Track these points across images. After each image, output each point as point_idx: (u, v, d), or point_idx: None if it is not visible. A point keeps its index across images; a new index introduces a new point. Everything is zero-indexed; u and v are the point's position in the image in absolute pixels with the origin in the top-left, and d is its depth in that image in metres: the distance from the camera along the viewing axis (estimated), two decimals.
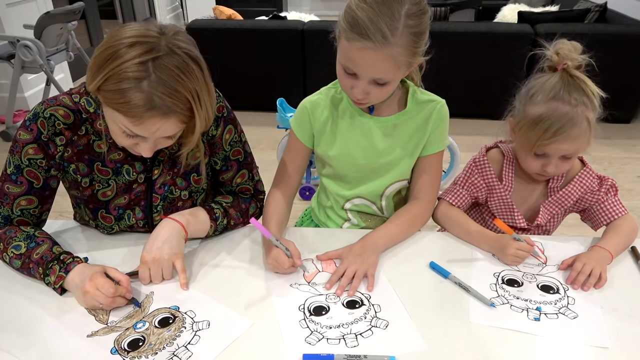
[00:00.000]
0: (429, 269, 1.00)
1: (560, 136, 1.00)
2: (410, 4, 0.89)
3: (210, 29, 3.50)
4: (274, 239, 0.94)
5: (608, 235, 1.08)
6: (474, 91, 3.42)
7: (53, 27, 3.10)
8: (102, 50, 0.80)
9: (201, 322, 0.86)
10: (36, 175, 0.96)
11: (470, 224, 1.12)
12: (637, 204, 2.52)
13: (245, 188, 1.16)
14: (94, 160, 0.99)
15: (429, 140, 1.11)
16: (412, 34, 0.90)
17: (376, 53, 0.89)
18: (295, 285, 0.95)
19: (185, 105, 0.84)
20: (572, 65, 1.01)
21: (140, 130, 0.84)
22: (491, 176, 1.16)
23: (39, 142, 0.94)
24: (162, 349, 0.80)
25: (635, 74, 3.27)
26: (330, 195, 1.23)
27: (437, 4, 4.30)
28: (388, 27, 0.87)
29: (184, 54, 0.82)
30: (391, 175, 1.15)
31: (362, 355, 0.78)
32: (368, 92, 0.97)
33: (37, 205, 1.00)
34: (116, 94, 0.79)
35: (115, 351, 0.80)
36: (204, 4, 6.13)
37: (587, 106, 1.00)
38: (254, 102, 3.56)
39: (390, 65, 0.92)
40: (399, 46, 0.89)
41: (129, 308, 0.89)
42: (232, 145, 1.09)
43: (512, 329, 0.84)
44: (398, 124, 1.10)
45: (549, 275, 0.99)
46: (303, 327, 0.84)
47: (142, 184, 1.03)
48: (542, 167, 1.07)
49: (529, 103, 1.05)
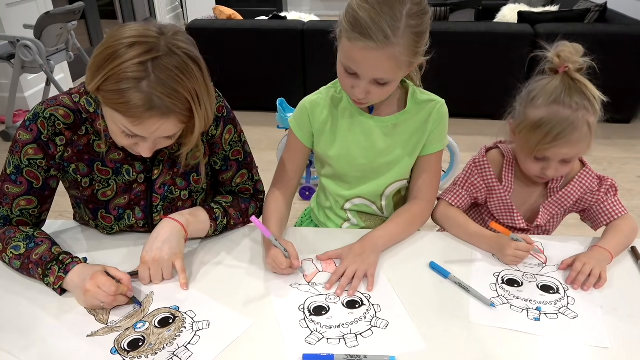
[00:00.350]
0: (428, 268, 1.00)
1: (561, 141, 1.00)
2: (412, 4, 0.89)
3: (210, 29, 3.50)
4: (273, 239, 0.94)
5: (608, 235, 1.08)
6: (474, 91, 3.42)
7: (53, 27, 3.10)
8: (101, 51, 0.80)
9: (201, 322, 0.86)
10: (36, 176, 0.96)
11: (470, 224, 1.12)
12: (637, 204, 2.52)
13: (245, 188, 1.16)
14: (94, 160, 0.99)
15: (429, 139, 1.11)
16: (414, 33, 0.90)
17: (378, 53, 0.89)
18: (295, 285, 0.95)
19: (185, 106, 0.84)
20: (573, 69, 1.00)
21: (139, 130, 0.84)
22: (491, 177, 1.16)
23: (39, 142, 0.94)
24: (162, 349, 0.80)
25: (635, 74, 3.27)
26: (329, 196, 1.23)
27: (437, 4, 4.30)
28: (390, 26, 0.87)
29: (184, 54, 0.82)
30: (391, 174, 1.15)
31: (362, 355, 0.78)
32: (369, 91, 0.97)
33: (36, 206, 1.00)
34: (115, 94, 0.79)
35: (116, 351, 0.80)
36: (204, 4, 6.13)
37: (588, 110, 0.99)
38: (254, 102, 3.56)
39: (392, 65, 0.92)
40: (401, 46, 0.89)
41: (129, 308, 0.89)
42: (231, 145, 1.09)
43: (512, 329, 0.84)
44: (398, 123, 1.10)
45: (549, 275, 0.99)
46: (303, 327, 0.84)
47: (142, 184, 1.03)
48: (542, 170, 1.07)
49: (529, 106, 1.04)
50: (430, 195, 1.14)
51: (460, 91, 3.17)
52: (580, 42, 1.04)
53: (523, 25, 3.35)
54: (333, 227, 1.26)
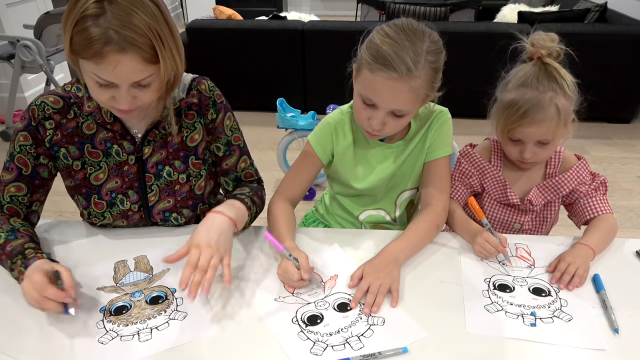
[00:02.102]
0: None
1: (526, 119, 1.04)
2: (430, 42, 0.95)
3: (210, 29, 3.50)
4: (287, 253, 0.92)
5: (590, 232, 1.09)
6: (474, 91, 3.42)
7: (53, 27, 3.09)
8: (66, 11, 0.84)
9: (180, 314, 0.89)
10: (25, 162, 1.00)
11: (459, 214, 1.15)
12: (637, 204, 2.52)
13: (249, 174, 1.17)
14: (84, 142, 1.02)
15: (432, 146, 1.14)
16: (432, 69, 0.95)
17: (400, 84, 0.93)
18: (280, 299, 0.92)
19: (144, 41, 0.83)
20: (545, 54, 1.05)
21: (103, 70, 0.84)
22: (479, 160, 1.20)
23: (29, 128, 0.99)
24: (134, 324, 0.86)
25: (635, 74, 3.27)
26: (344, 208, 1.27)
27: (437, 4, 4.30)
28: (412, 60, 0.92)
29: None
30: (403, 185, 1.21)
31: (376, 352, 0.79)
32: (385, 123, 1.00)
33: (25, 193, 1.02)
34: (80, 36, 0.82)
35: (104, 310, 0.89)
36: (204, 4, 6.13)
37: (556, 92, 1.03)
38: (254, 102, 3.56)
39: (411, 97, 0.96)
40: (421, 79, 0.94)
41: (141, 276, 0.95)
42: (232, 131, 1.11)
43: (509, 337, 0.83)
44: (407, 145, 1.15)
45: (539, 277, 0.98)
46: (303, 340, 0.83)
47: (133, 164, 1.04)
48: (520, 153, 1.11)
49: (503, 91, 1.10)
50: (442, 200, 1.13)
51: (460, 91, 3.16)
52: (570, 40, 1.06)
53: (523, 26, 3.35)
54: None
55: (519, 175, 1.20)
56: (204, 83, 1.07)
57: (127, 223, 1.09)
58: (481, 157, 1.20)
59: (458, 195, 1.20)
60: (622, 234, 1.10)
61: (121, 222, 1.09)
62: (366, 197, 1.22)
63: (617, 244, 1.08)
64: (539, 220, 1.22)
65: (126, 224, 1.10)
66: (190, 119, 1.06)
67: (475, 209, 1.03)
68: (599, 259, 1.03)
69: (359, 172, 1.17)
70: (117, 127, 1.02)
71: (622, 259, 1.04)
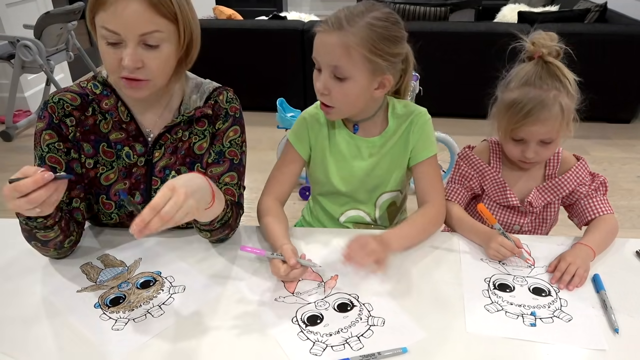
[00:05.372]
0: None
1: (530, 118, 1.04)
2: (381, 13, 0.97)
3: (210, 29, 3.50)
4: (269, 253, 0.94)
5: (590, 232, 1.08)
6: (474, 91, 3.41)
7: (53, 27, 3.10)
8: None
9: (178, 287, 0.93)
10: (57, 160, 0.98)
11: (465, 217, 1.14)
12: (637, 204, 2.52)
13: (231, 191, 1.06)
14: (100, 140, 1.02)
15: (415, 149, 1.14)
16: (373, 31, 0.95)
17: (329, 36, 0.96)
18: (279, 299, 0.92)
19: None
20: (546, 53, 1.04)
21: (111, 16, 0.84)
22: (478, 162, 1.20)
23: (52, 126, 0.97)
24: (139, 307, 0.88)
25: (635, 74, 3.27)
26: (325, 211, 1.26)
27: (437, 4, 4.29)
28: (346, 18, 0.96)
29: None
30: (382, 187, 1.19)
31: (375, 352, 0.78)
32: (329, 88, 1.00)
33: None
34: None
35: (98, 306, 0.89)
36: (204, 4, 6.11)
37: (560, 91, 1.03)
38: (254, 102, 3.55)
39: (342, 52, 0.96)
40: (354, 35, 0.95)
41: (116, 270, 0.96)
42: (231, 144, 1.06)
43: (509, 337, 0.83)
44: (384, 142, 1.14)
45: (539, 277, 0.98)
46: (303, 340, 0.82)
47: (142, 167, 1.04)
48: (522, 152, 1.11)
49: (505, 90, 1.10)
50: (438, 197, 1.14)
51: (460, 91, 3.16)
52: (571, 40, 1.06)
53: (523, 25, 3.35)
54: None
55: (518, 177, 1.20)
56: (224, 94, 1.05)
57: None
58: (480, 159, 1.20)
59: (456, 196, 1.20)
60: (622, 234, 1.10)
61: (128, 222, 1.07)
62: (345, 197, 1.20)
63: (617, 244, 1.08)
64: (538, 221, 1.22)
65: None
66: (200, 126, 1.05)
67: (487, 215, 1.01)
68: (599, 259, 1.03)
69: (334, 165, 1.16)
70: (131, 128, 1.02)
71: (622, 259, 1.04)
